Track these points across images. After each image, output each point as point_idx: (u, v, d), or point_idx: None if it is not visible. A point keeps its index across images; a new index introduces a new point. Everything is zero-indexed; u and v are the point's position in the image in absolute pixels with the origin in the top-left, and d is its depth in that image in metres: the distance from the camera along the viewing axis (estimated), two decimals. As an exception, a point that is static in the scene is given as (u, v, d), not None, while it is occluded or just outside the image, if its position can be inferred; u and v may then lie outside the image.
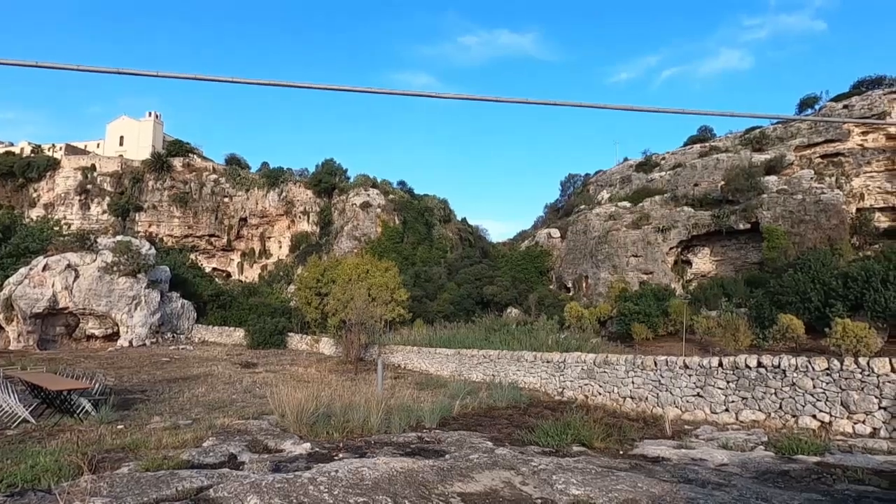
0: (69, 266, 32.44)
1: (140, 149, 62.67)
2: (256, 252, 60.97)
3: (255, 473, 5.87)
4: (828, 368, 8.62)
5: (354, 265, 26.34)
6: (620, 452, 7.80)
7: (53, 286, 31.61)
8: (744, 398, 9.50)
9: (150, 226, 58.24)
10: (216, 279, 51.62)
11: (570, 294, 36.78)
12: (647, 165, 43.63)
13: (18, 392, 11.23)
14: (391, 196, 52.50)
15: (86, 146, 66.00)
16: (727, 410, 9.69)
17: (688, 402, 10.33)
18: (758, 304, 22.66)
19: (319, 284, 28.53)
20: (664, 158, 43.45)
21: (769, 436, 8.22)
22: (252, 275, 59.14)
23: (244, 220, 60.75)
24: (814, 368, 8.75)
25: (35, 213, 56.85)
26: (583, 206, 42.95)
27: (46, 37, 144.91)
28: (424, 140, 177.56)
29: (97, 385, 12.38)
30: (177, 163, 60.84)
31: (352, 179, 56.50)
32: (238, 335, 35.19)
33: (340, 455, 6.94)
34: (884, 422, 7.94)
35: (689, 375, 10.40)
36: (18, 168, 58.14)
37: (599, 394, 12.34)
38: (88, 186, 58.50)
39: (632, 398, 11.47)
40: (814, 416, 8.62)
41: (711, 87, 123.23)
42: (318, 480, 5.17)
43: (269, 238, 60.92)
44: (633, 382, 11.52)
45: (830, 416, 8.44)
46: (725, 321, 20.82)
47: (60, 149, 62.60)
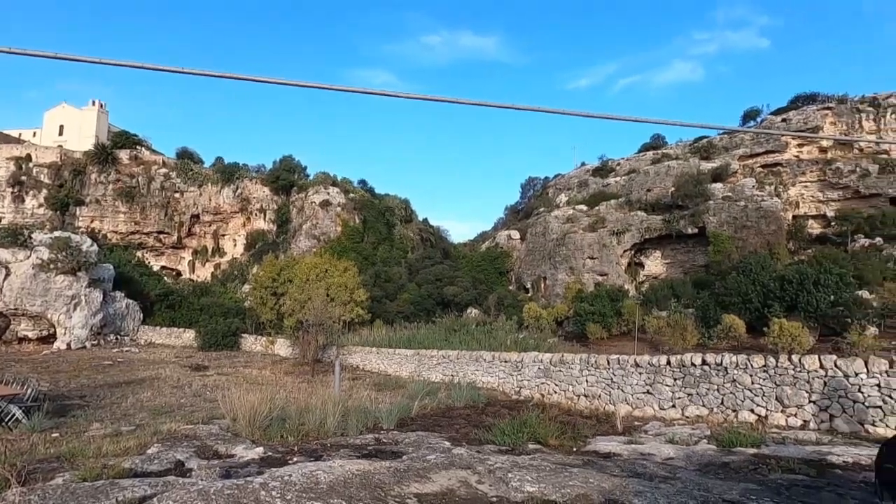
0: (-1, 263, 30.17)
1: (82, 139, 58.89)
2: (209, 250, 58.68)
3: (204, 480, 5.64)
4: (764, 365, 9.18)
5: (313, 265, 25.82)
6: (574, 449, 8.01)
7: (-19, 285, 29.29)
8: (689, 394, 9.97)
9: (93, 221, 54.89)
10: (165, 278, 49.30)
11: (529, 295, 37.44)
12: (604, 170, 45.04)
13: (-62, 400, 10.33)
14: (352, 195, 51.80)
15: (20, 134, 61.43)
16: (674, 406, 10.14)
17: (638, 399, 10.73)
18: (704, 305, 23.81)
19: (276, 284, 27.78)
20: (619, 164, 44.98)
21: (712, 430, 8.65)
22: (204, 274, 56.87)
23: (196, 217, 58.32)
24: (752, 366, 9.29)
25: (-40, 206, 52.48)
26: (542, 209, 43.85)
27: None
28: (386, 139, 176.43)
29: (29, 391, 11.57)
30: (123, 155, 57.62)
31: (311, 177, 55.34)
32: (188, 336, 33.75)
33: (295, 459, 6.78)
34: (813, 415, 8.53)
35: (640, 373, 10.81)
36: (-59, 157, 53.51)
37: (555, 392, 12.63)
38: (23, 178, 54.46)
39: (586, 396, 11.80)
40: (752, 411, 9.16)
41: (665, 97, 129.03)
42: (271, 486, 5.03)
43: (223, 236, 58.78)
44: (587, 381, 11.86)
45: (766, 410, 8.99)
46: (674, 321, 21.77)
47: (-10, 136, 58.09)
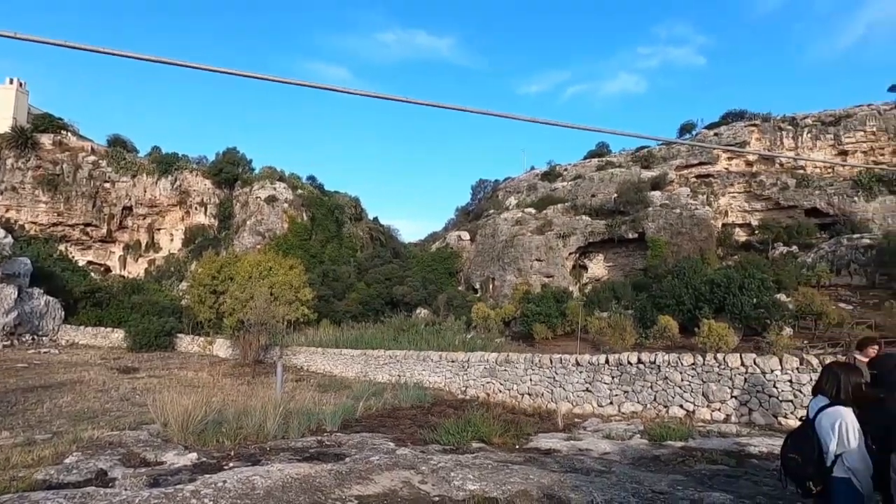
0: None
1: (-3, 120, 53.72)
2: (143, 245, 55.18)
3: (129, 490, 5.29)
4: (693, 364, 9.78)
5: (256, 262, 24.88)
6: (517, 447, 8.19)
7: None
8: (626, 391, 10.45)
9: (8, 211, 50.12)
10: (92, 274, 45.85)
11: (478, 295, 37.91)
12: (552, 175, 46.39)
13: None
14: (300, 191, 50.42)
15: (-79, 112, 55.14)
16: (611, 403, 10.59)
17: (578, 397, 11.12)
18: (642, 307, 25.04)
19: (216, 282, 26.53)
20: (567, 170, 46.49)
21: (645, 425, 9.11)
22: (137, 270, 53.43)
23: (129, 210, 54.68)
24: (682, 364, 9.87)
25: None
26: (492, 211, 44.56)
27: None
28: (337, 135, 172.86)
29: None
30: (45, 140, 52.98)
31: (257, 171, 53.34)
32: (117, 337, 31.55)
33: (231, 464, 6.51)
34: (734, 409, 9.18)
35: (581, 372, 11.21)
36: None
37: (500, 391, 12.85)
38: (-76, 160, 48.98)
39: (529, 394, 12.09)
40: (681, 406, 9.72)
41: (611, 107, 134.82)
42: (203, 493, 4.79)
43: (159, 230, 55.46)
44: (531, 379, 12.16)
45: (694, 406, 9.58)
46: (614, 322, 22.77)
47: None
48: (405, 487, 5.75)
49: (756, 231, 35.92)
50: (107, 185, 53.88)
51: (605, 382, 10.77)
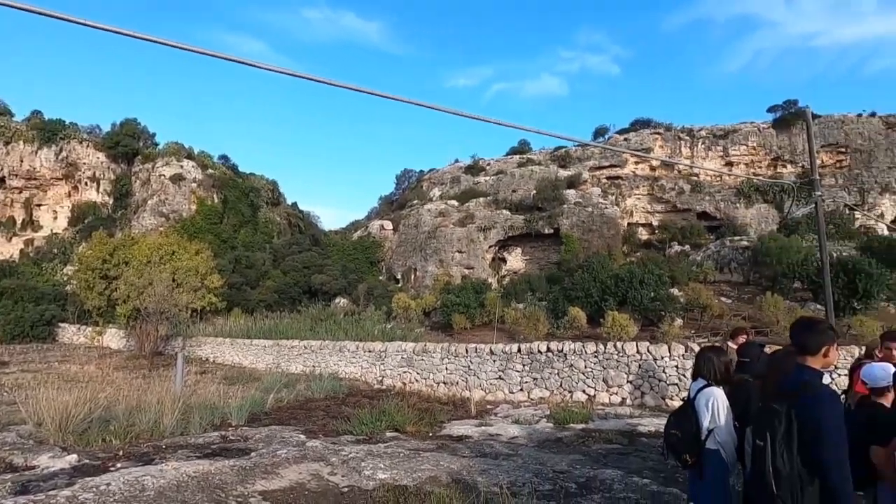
0: None
1: None
2: (18, 222, 48.51)
3: (-12, 499, 4.66)
4: (596, 351, 10.51)
5: (156, 245, 22.85)
6: (430, 434, 8.32)
7: None
8: (535, 378, 11.00)
9: None
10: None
11: (400, 285, 37.82)
12: (475, 169, 47.29)
13: None
14: (211, 171, 46.96)
15: None
16: (522, 390, 11.10)
17: (491, 384, 11.53)
18: (554, 299, 26.36)
19: (107, 266, 24.00)
20: (489, 164, 47.62)
21: (551, 409, 9.66)
22: (11, 251, 46.89)
23: (1, 181, 47.77)
24: (586, 352, 10.57)
25: None
26: (416, 201, 44.56)
27: None
28: (254, 114, 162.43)
29: None
30: None
31: (161, 146, 48.83)
32: (-18, 327, 27.57)
33: (118, 465, 5.96)
34: (629, 392, 10.02)
35: (494, 361, 11.62)
36: None
37: (417, 380, 12.97)
38: None
39: (445, 383, 12.32)
40: (584, 391, 10.43)
41: (533, 107, 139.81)
42: (82, 498, 4.35)
43: (40, 206, 49.03)
44: (447, 368, 12.40)
45: (595, 390, 10.31)
46: (529, 313, 23.77)
47: None
48: (313, 480, 5.63)
49: (656, 231, 39.27)
50: (-29, 152, 46.60)
51: (517, 370, 11.25)
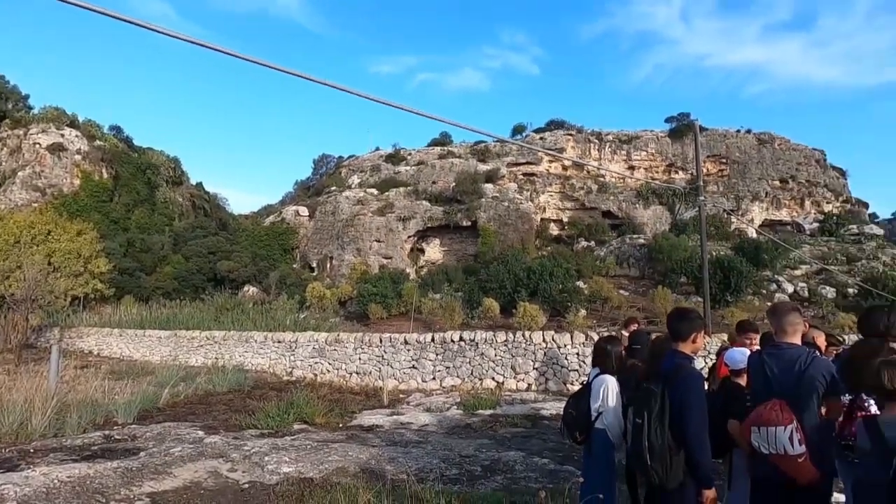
0: None
1: None
2: None
3: None
4: (506, 340, 10.94)
5: (28, 223, 20.05)
6: (340, 425, 8.19)
7: None
8: (447, 367, 11.22)
9: None
10: None
11: (315, 274, 36.58)
12: (396, 158, 46.86)
13: None
14: (99, 142, 42.00)
15: None
16: (434, 379, 11.28)
17: (405, 374, 11.58)
18: (470, 289, 27.03)
19: (-36, 246, 20.63)
20: (411, 154, 47.44)
21: (462, 397, 9.93)
22: None
23: None
24: (496, 341, 10.97)
25: None
26: (334, 188, 43.25)
27: None
28: (154, 83, 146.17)
29: None
30: None
31: (36, 110, 42.79)
32: None
33: (-31, 474, 5.18)
34: (535, 378, 10.57)
35: (408, 350, 11.67)
36: None
37: (329, 371, 12.67)
38: None
39: (358, 373, 12.17)
40: (493, 378, 10.83)
41: (455, 101, 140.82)
42: (-85, 515, 3.73)
43: None
44: (360, 359, 12.25)
45: (503, 378, 10.75)
46: (446, 303, 24.15)
47: None
48: (211, 478, 5.31)
49: (566, 227, 41.64)
50: None
51: (430, 359, 11.40)
